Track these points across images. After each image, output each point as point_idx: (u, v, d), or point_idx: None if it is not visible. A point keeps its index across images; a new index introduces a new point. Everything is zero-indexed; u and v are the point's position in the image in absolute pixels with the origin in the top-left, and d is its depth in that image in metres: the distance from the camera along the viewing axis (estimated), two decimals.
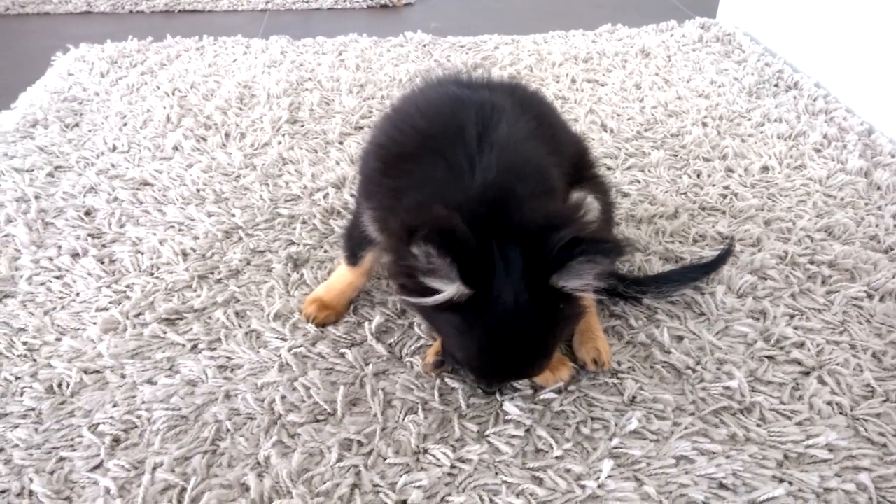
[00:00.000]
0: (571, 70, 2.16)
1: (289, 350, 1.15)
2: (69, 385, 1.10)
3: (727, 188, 1.59)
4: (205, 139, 1.77)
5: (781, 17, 2.26)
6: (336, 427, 1.03)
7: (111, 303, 1.26)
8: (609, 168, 1.66)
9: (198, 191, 1.56)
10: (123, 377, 1.11)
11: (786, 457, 0.99)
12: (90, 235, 1.43)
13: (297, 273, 1.32)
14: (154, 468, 0.96)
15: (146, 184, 1.59)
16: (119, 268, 1.34)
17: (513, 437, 1.01)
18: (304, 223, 1.46)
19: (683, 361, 1.13)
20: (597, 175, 1.29)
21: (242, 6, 2.82)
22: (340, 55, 2.26)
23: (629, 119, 1.88)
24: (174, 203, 1.52)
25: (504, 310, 0.89)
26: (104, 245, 1.40)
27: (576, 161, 1.22)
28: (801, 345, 1.17)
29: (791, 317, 1.23)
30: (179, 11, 2.79)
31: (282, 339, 1.18)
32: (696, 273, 1.29)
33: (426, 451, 0.99)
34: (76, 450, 1.00)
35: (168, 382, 1.10)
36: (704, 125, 1.84)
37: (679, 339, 1.18)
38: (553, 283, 0.89)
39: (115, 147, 1.74)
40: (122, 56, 2.24)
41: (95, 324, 1.21)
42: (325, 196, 1.54)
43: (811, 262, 1.35)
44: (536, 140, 1.04)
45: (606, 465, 0.96)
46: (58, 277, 1.32)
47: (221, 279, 1.31)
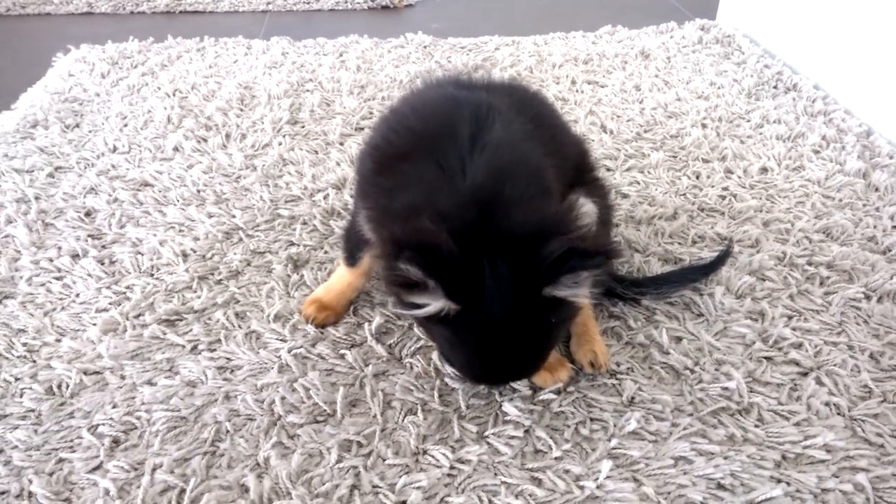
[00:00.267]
0: (571, 71, 2.16)
1: (288, 351, 1.15)
2: (69, 386, 1.10)
3: (726, 189, 1.59)
4: (205, 140, 1.77)
5: (781, 19, 2.26)
6: (336, 428, 1.03)
7: (111, 304, 1.26)
8: (609, 169, 1.67)
9: (198, 192, 1.57)
10: (123, 378, 1.11)
11: (784, 457, 0.99)
12: (90, 236, 1.43)
13: (298, 274, 1.33)
14: (153, 469, 0.97)
15: (146, 185, 1.60)
16: (119, 269, 1.35)
17: (512, 438, 1.01)
18: (305, 224, 1.47)
19: (682, 362, 1.13)
20: (597, 178, 1.29)
21: (243, 7, 2.82)
22: (341, 56, 2.26)
23: (629, 120, 1.89)
24: (174, 204, 1.53)
25: (495, 322, 0.88)
26: (104, 246, 1.41)
27: (576, 163, 1.22)
28: (800, 345, 1.17)
29: (789, 318, 1.23)
30: (180, 12, 2.79)
31: (282, 340, 1.18)
32: (695, 274, 1.29)
33: (425, 452, 0.99)
34: (76, 451, 1.00)
35: (168, 383, 1.10)
36: (704, 126, 1.85)
37: (678, 340, 1.18)
38: (546, 294, 0.88)
39: (116, 148, 1.74)
40: (123, 57, 2.24)
41: (95, 325, 1.21)
42: (326, 197, 1.55)
43: (809, 264, 1.35)
44: (533, 142, 1.03)
45: (605, 466, 0.96)
46: (58, 278, 1.32)
47: (221, 280, 1.32)
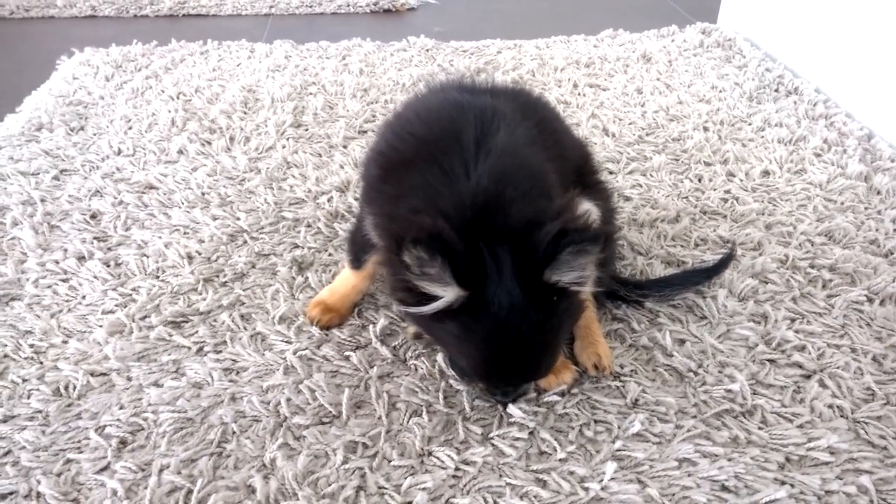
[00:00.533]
0: (573, 75, 2.17)
1: (294, 353, 1.16)
2: (76, 387, 1.10)
3: (728, 192, 1.60)
4: (209, 143, 1.78)
5: (782, 23, 2.27)
6: (341, 429, 1.04)
7: (117, 305, 1.27)
8: (611, 172, 1.67)
9: (203, 194, 1.57)
10: (130, 380, 1.12)
11: (787, 459, 1.00)
12: (96, 238, 1.44)
13: (302, 276, 1.33)
14: (161, 470, 0.97)
15: (151, 187, 1.60)
16: (125, 271, 1.35)
17: (517, 440, 1.02)
18: (309, 227, 1.47)
19: (685, 364, 1.14)
20: (599, 181, 1.30)
21: (246, 10, 2.83)
22: (344, 59, 2.27)
23: (631, 123, 1.89)
24: (179, 206, 1.53)
25: (501, 311, 0.89)
26: (110, 248, 1.41)
27: (579, 167, 1.22)
28: (802, 348, 1.18)
29: (792, 320, 1.24)
30: (184, 15, 2.80)
31: (287, 342, 1.18)
32: (698, 277, 1.29)
33: (431, 454, 1.00)
34: (83, 452, 1.01)
35: (174, 385, 1.10)
36: (705, 130, 1.85)
37: (681, 343, 1.19)
38: (546, 279, 0.89)
39: (121, 151, 1.75)
40: (127, 60, 2.25)
41: (102, 326, 1.22)
42: (329, 200, 1.55)
43: (812, 266, 1.36)
44: (537, 146, 1.04)
45: (610, 468, 0.96)
46: (64, 280, 1.33)
47: (227, 282, 1.32)
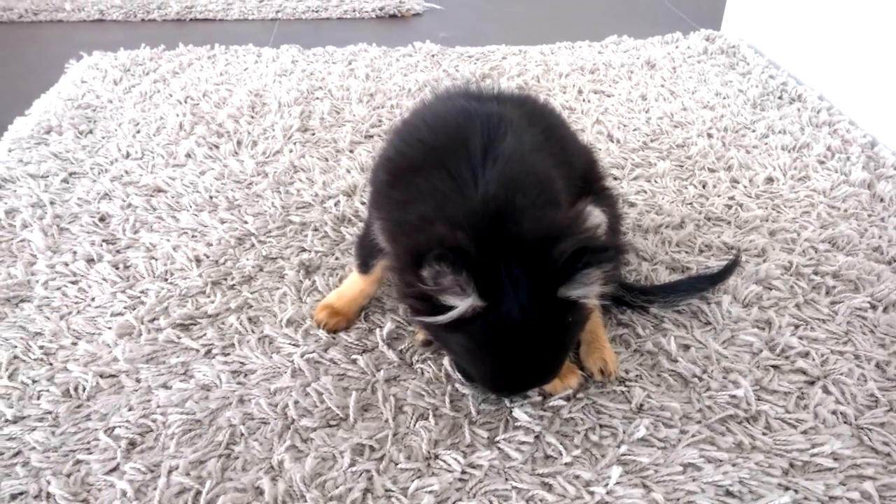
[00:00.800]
0: (578, 81, 2.18)
1: (301, 356, 1.17)
2: (85, 389, 1.11)
3: (732, 199, 1.61)
4: (217, 147, 1.79)
5: (785, 30, 2.28)
6: (348, 432, 1.04)
7: (126, 308, 1.28)
8: (616, 178, 1.68)
9: (210, 198, 1.59)
10: (138, 381, 1.13)
11: (791, 465, 1.00)
12: (105, 241, 1.45)
13: (309, 280, 1.34)
14: (169, 471, 0.98)
15: (159, 190, 1.62)
16: (133, 273, 1.36)
17: (522, 444, 1.03)
18: (316, 230, 1.48)
19: (690, 370, 1.15)
20: (605, 187, 1.31)
21: (253, 15, 2.85)
22: (350, 64, 2.29)
23: (635, 130, 1.90)
24: (187, 210, 1.55)
25: (513, 325, 0.90)
26: (119, 251, 1.43)
27: (585, 173, 1.23)
28: (806, 354, 1.19)
29: (796, 327, 1.24)
30: (191, 20, 2.82)
31: (294, 345, 1.19)
32: (703, 283, 1.30)
33: (437, 457, 1.01)
34: (93, 453, 1.02)
35: (182, 387, 1.11)
36: (710, 136, 1.86)
37: (686, 348, 1.20)
38: (560, 295, 0.90)
39: (129, 154, 1.76)
40: (135, 64, 2.26)
41: (111, 328, 1.23)
42: (336, 204, 1.56)
43: (815, 273, 1.37)
44: (543, 153, 1.05)
45: (615, 472, 0.97)
46: (73, 282, 1.34)
47: (234, 285, 1.33)
